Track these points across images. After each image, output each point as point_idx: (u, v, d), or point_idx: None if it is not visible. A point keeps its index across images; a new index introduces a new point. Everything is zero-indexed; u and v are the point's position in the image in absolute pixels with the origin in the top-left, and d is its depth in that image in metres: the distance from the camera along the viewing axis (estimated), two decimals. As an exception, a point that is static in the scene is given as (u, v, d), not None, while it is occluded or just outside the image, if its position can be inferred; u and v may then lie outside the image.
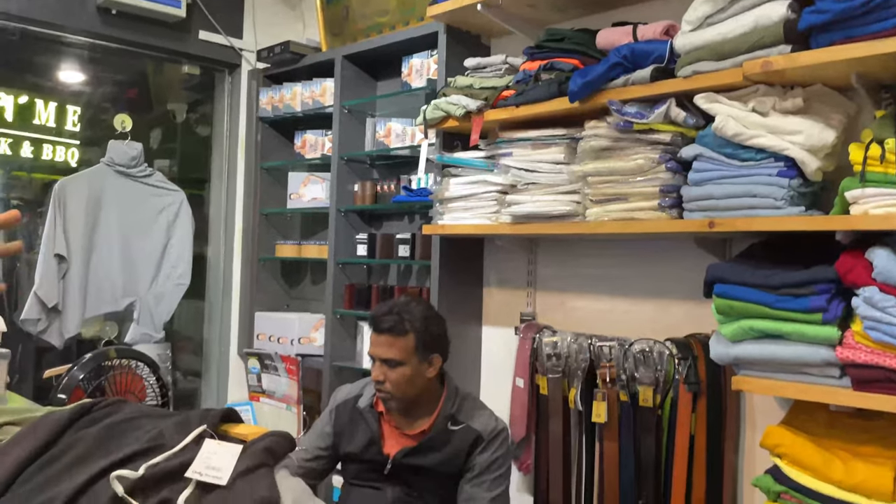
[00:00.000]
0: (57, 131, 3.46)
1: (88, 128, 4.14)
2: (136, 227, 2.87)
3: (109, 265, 2.80)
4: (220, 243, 3.24)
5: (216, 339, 3.24)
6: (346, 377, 2.62)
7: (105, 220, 2.81)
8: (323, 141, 2.91)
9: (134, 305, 2.86)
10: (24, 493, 0.93)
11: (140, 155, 2.91)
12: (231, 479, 0.97)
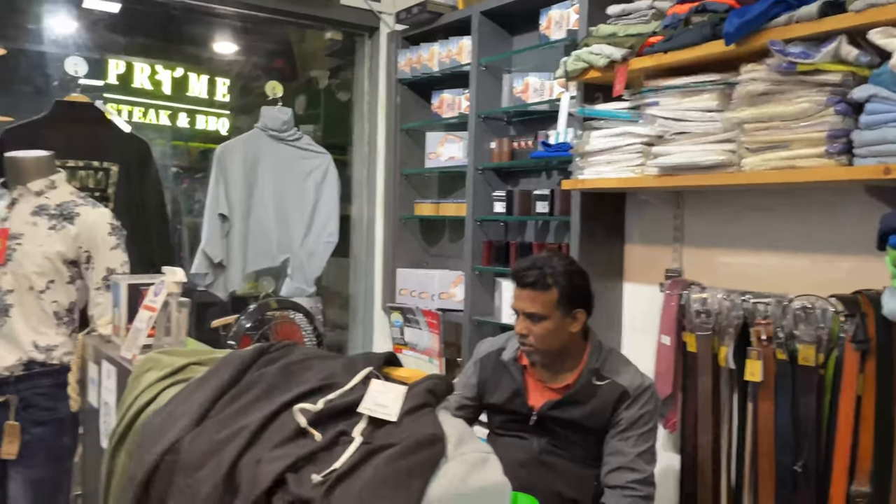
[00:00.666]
0: (209, 102, 3.72)
1: (240, 97, 4.41)
2: (288, 188, 3.05)
3: (266, 223, 3.01)
4: (362, 204, 3.38)
5: (361, 294, 3.40)
6: (485, 331, 2.68)
7: (261, 181, 3.01)
8: (460, 100, 2.93)
9: (288, 261, 3.06)
10: (219, 420, 1.03)
11: (290, 120, 3.07)
12: (399, 416, 1.03)
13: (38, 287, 2.07)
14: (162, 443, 1.01)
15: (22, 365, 2.05)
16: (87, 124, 2.53)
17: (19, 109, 5.22)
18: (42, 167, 2.17)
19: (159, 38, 3.93)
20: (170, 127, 3.60)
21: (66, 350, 2.13)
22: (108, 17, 3.42)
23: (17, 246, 2.06)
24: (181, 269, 1.80)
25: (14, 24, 3.68)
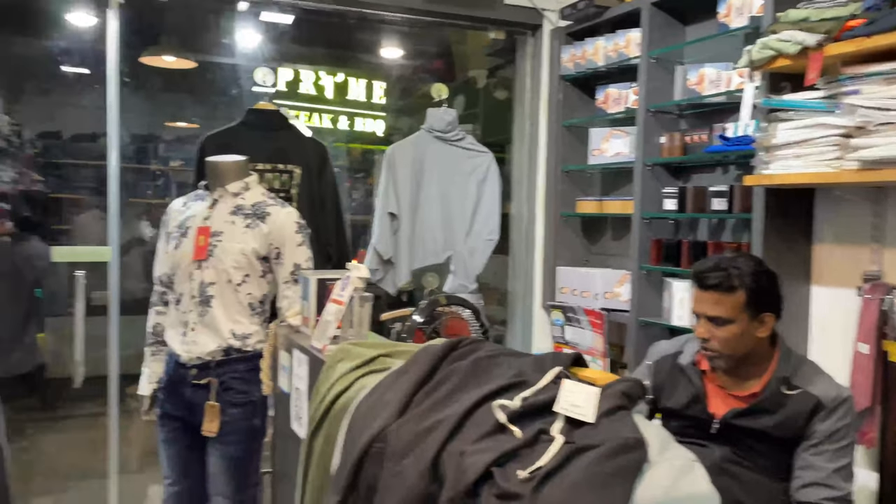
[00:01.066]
0: (367, 105, 3.89)
1: (398, 99, 4.58)
2: (452, 187, 3.13)
3: (432, 222, 3.11)
4: (522, 201, 3.39)
5: (520, 292, 3.42)
6: (653, 333, 2.59)
7: (427, 181, 3.11)
8: (627, 94, 2.86)
9: (451, 258, 3.14)
10: (420, 411, 1.08)
11: (454, 120, 3.15)
12: (596, 418, 1.02)
13: (235, 280, 2.26)
14: (369, 431, 1.07)
15: (221, 351, 2.25)
16: (274, 130, 2.73)
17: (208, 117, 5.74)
18: (238, 170, 2.37)
19: (323, 47, 4.17)
20: (331, 129, 3.80)
21: (259, 338, 2.31)
22: (278, 29, 3.68)
23: (218, 243, 2.26)
24: (365, 266, 1.90)
25: (203, 39, 4.05)
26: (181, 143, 6.01)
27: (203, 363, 2.24)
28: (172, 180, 5.75)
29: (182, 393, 2.26)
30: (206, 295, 2.24)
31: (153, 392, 2.40)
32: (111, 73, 2.75)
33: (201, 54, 4.31)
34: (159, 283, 2.43)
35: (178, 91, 5.39)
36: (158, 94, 5.11)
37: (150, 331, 2.44)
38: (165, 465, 2.35)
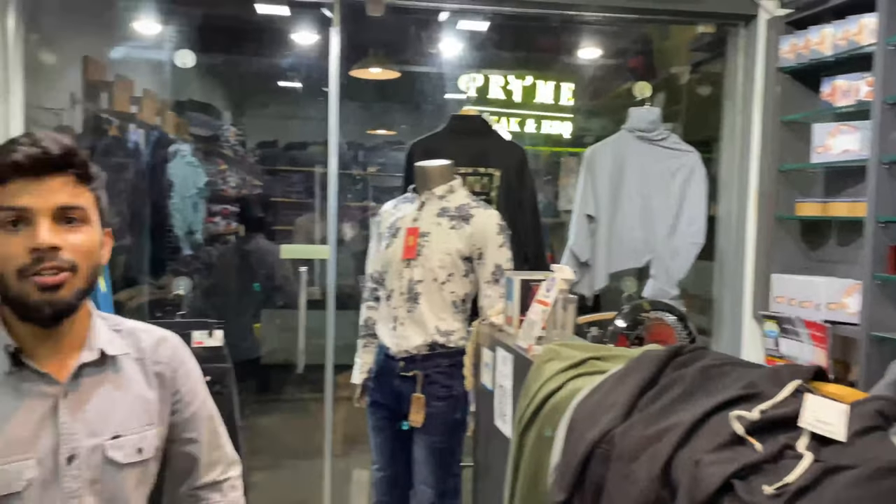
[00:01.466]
0: (554, 107, 3.86)
1: (591, 99, 4.50)
2: (653, 188, 3.02)
3: (631, 224, 3.02)
4: (731, 203, 3.18)
5: (727, 300, 3.21)
6: (889, 350, 2.32)
7: (627, 181, 3.04)
8: (858, 86, 2.58)
9: (651, 262, 3.03)
10: (646, 416, 1.05)
11: (658, 119, 3.04)
12: (848, 437, 0.94)
13: (440, 279, 2.36)
14: (593, 432, 1.06)
15: (427, 346, 2.35)
16: (476, 135, 2.81)
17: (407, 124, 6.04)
18: (444, 174, 2.47)
19: (513, 51, 4.21)
20: (518, 133, 3.83)
21: (462, 335, 2.39)
22: (473, 37, 3.78)
23: (426, 243, 2.38)
24: (569, 268, 1.89)
25: (406, 50, 4.27)
26: (380, 150, 6.39)
27: (410, 356, 2.36)
28: (370, 184, 6.13)
29: (390, 383, 2.39)
30: (414, 292, 2.36)
31: (364, 381, 2.57)
32: (332, 86, 2.98)
33: (404, 65, 4.55)
34: (371, 279, 2.60)
35: (380, 100, 5.74)
36: (362, 104, 5.47)
37: (362, 324, 2.61)
38: (374, 450, 2.51)
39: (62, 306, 1.04)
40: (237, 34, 4.28)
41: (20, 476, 1.03)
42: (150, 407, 1.18)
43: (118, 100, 3.98)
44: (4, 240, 1.01)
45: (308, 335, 3.27)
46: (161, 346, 1.22)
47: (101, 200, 1.11)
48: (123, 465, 1.12)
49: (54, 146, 1.02)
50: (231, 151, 5.61)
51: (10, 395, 1.05)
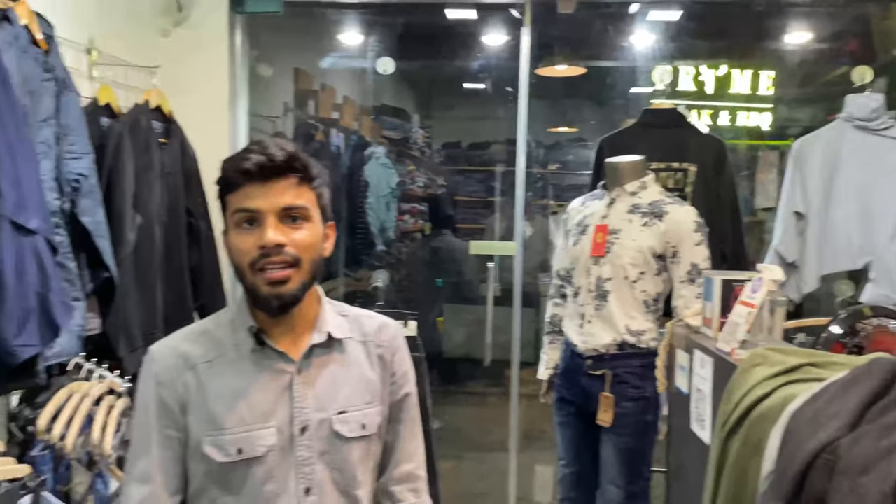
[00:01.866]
0: (752, 97, 3.58)
1: (799, 87, 4.14)
2: (874, 183, 2.72)
3: (846, 222, 2.75)
4: (970, 199, 2.79)
5: (964, 309, 2.82)
6: None
7: (842, 175, 2.77)
8: None
9: (870, 265, 2.74)
10: (878, 427, 0.96)
11: (881, 107, 2.74)
12: None
13: (631, 277, 2.31)
14: (815, 442, 0.99)
15: (616, 345, 2.31)
16: (670, 129, 2.71)
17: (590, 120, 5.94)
18: (635, 170, 2.41)
19: (707, 40, 3.98)
20: (711, 126, 3.62)
21: (653, 336, 2.32)
22: (664, 28, 3.63)
23: (616, 240, 2.34)
24: (779, 268, 1.77)
25: (592, 45, 4.21)
26: (561, 148, 6.35)
27: (598, 355, 2.33)
28: (549, 182, 6.11)
29: (577, 381, 2.38)
30: (602, 290, 2.33)
31: (550, 377, 2.58)
32: (522, 86, 3.03)
33: (590, 60, 4.49)
34: (557, 276, 2.61)
35: (564, 97, 5.70)
36: (544, 102, 5.47)
37: (548, 320, 2.63)
38: (560, 446, 2.51)
39: (288, 298, 1.14)
40: (429, 40, 4.46)
41: (262, 442, 1.15)
42: (372, 386, 1.25)
43: (323, 107, 4.33)
44: (240, 237, 1.13)
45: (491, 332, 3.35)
46: (383, 330, 1.30)
47: (323, 197, 1.19)
48: (349, 438, 1.20)
49: (279, 153, 1.12)
50: (418, 152, 5.87)
51: (254, 370, 1.18)
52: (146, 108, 2.32)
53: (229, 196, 1.14)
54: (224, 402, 1.15)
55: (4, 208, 1.36)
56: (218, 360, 1.18)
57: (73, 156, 1.84)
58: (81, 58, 2.28)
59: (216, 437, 1.14)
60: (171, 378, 1.17)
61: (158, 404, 1.16)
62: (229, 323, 1.22)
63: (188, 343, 1.20)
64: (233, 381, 1.17)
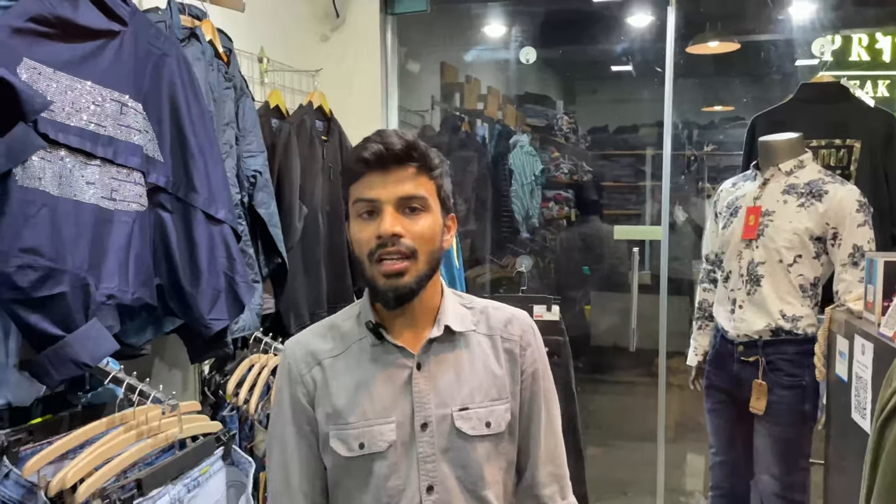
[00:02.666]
0: None
1: None
2: None
3: None
4: None
5: None
6: None
7: None
8: None
9: None
10: None
11: None
12: None
13: (786, 260, 2.22)
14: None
15: (770, 331, 2.24)
16: (831, 104, 2.55)
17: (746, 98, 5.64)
18: (791, 148, 2.31)
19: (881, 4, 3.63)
20: (888, 99, 3.31)
21: (810, 322, 2.22)
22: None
23: (769, 222, 2.25)
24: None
25: (747, 19, 3.99)
26: (716, 128, 6.05)
27: (750, 341, 2.27)
28: (705, 164, 5.84)
29: (729, 367, 2.33)
30: (755, 274, 2.26)
31: (699, 364, 2.54)
32: (668, 66, 2.97)
33: (745, 35, 4.26)
34: (707, 261, 2.55)
35: (717, 75, 5.44)
36: (697, 81, 5.25)
37: (697, 306, 2.58)
38: (712, 434, 2.47)
39: (404, 291, 1.10)
40: (571, 25, 4.45)
41: (383, 437, 1.13)
42: (499, 382, 1.19)
43: (468, 98, 4.46)
44: (360, 227, 1.10)
45: (637, 319, 3.31)
46: (511, 324, 1.23)
47: (443, 188, 1.15)
48: (472, 436, 1.15)
49: (397, 141, 1.09)
50: (563, 139, 5.85)
51: (375, 364, 1.16)
52: (310, 109, 2.54)
53: (351, 186, 1.13)
54: (346, 397, 1.15)
55: (198, 202, 1.58)
56: (343, 355, 1.18)
57: (250, 154, 2.07)
58: (254, 66, 2.53)
59: (340, 430, 1.14)
60: (300, 374, 1.17)
61: (292, 400, 1.18)
62: (356, 317, 1.20)
63: (317, 338, 1.20)
64: (355, 375, 1.16)
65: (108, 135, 1.40)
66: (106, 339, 1.36)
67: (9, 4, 1.28)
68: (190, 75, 1.62)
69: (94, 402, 1.49)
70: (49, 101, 1.27)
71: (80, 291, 1.31)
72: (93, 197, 1.37)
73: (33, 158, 1.25)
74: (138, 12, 1.52)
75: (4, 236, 1.21)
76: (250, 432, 1.86)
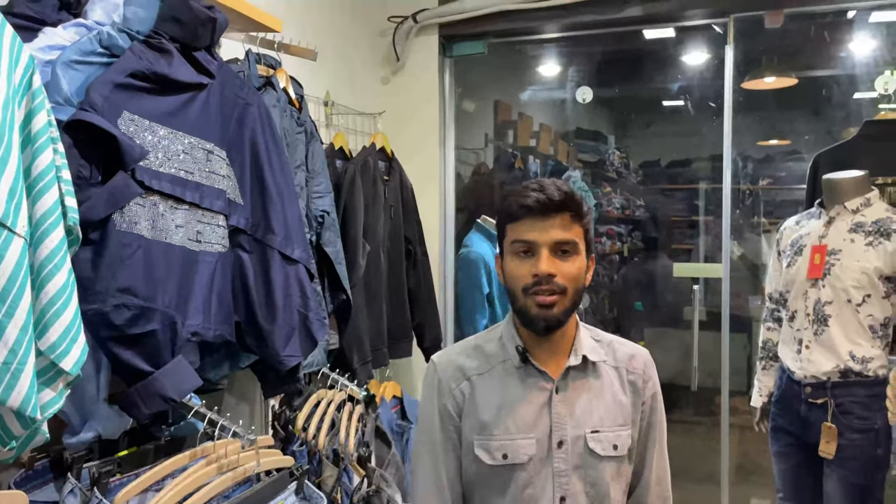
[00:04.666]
0: None
1: None
2: None
3: None
4: None
5: None
6: None
7: None
8: None
9: None
10: None
11: None
12: None
13: (854, 300, 2.17)
14: None
15: (838, 372, 2.19)
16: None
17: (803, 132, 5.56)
18: (858, 186, 2.28)
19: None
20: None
21: (881, 363, 2.17)
22: (889, 29, 3.32)
23: (836, 261, 2.22)
24: None
25: (804, 55, 3.97)
26: (771, 162, 5.96)
27: (818, 382, 2.22)
28: (761, 199, 5.75)
29: (796, 409, 2.28)
30: (822, 314, 2.22)
31: (763, 405, 2.49)
32: (727, 102, 2.97)
33: (802, 70, 4.24)
34: (770, 300, 2.52)
35: (773, 110, 5.39)
36: (752, 115, 5.21)
37: (761, 345, 2.54)
38: (778, 478, 2.41)
39: (553, 321, 1.26)
40: (625, 63, 4.48)
41: (524, 451, 1.28)
42: (625, 410, 1.33)
43: (521, 135, 4.51)
44: (516, 264, 1.27)
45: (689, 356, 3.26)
46: (635, 358, 1.38)
47: (589, 233, 1.31)
48: (602, 456, 1.29)
49: (556, 192, 1.25)
50: (615, 173, 5.85)
51: (519, 384, 1.31)
52: (373, 150, 2.62)
53: (509, 226, 1.28)
54: (492, 411, 1.29)
55: (275, 242, 1.65)
56: (488, 373, 1.33)
57: (318, 195, 2.15)
58: (320, 109, 2.64)
59: (484, 441, 1.29)
60: (450, 387, 1.33)
61: (441, 410, 1.33)
62: (498, 340, 1.35)
63: (464, 356, 1.36)
64: (500, 392, 1.30)
65: (196, 181, 1.49)
66: (191, 374, 1.42)
67: (109, 61, 1.39)
68: (270, 122, 1.71)
69: (176, 434, 1.55)
70: (146, 151, 1.36)
71: (168, 329, 1.38)
72: (181, 239, 1.45)
73: (130, 204, 1.33)
74: (224, 66, 1.62)
75: (103, 277, 1.29)
76: (318, 467, 1.90)
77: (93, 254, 1.29)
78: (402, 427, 2.49)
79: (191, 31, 1.47)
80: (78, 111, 1.28)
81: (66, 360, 1.12)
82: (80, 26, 1.43)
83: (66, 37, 1.40)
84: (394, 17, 3.17)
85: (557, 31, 3.25)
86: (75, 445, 1.37)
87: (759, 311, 2.58)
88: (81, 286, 1.22)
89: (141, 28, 1.43)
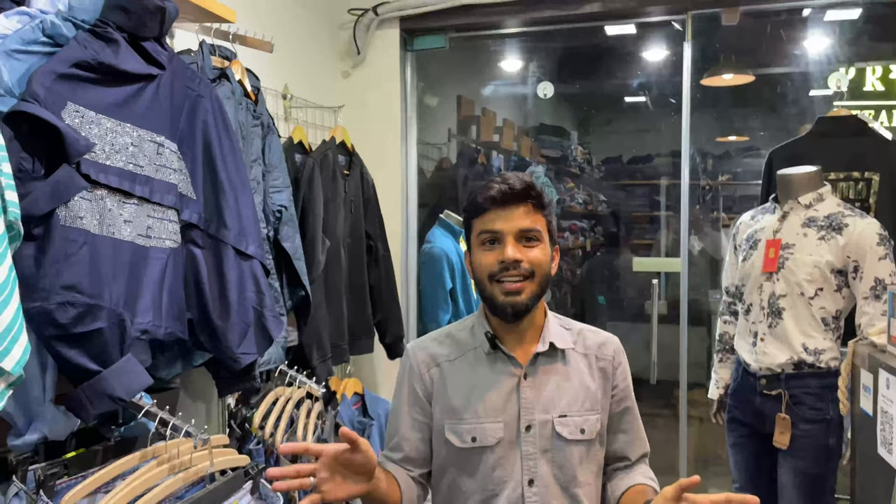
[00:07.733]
0: None
1: None
2: None
3: None
4: None
5: None
6: None
7: None
8: None
9: None
10: None
11: None
12: None
13: (807, 293, 2.22)
14: None
15: (792, 364, 2.23)
16: (849, 137, 2.57)
17: (760, 129, 5.67)
18: (811, 182, 2.32)
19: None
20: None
21: (833, 355, 2.21)
22: (841, 29, 3.40)
23: (790, 255, 2.26)
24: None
25: (761, 53, 4.04)
26: (730, 158, 6.07)
27: (773, 374, 2.26)
28: (720, 194, 5.85)
29: (751, 401, 2.32)
30: (776, 307, 2.26)
31: (720, 397, 2.53)
32: (685, 98, 3.01)
33: (759, 68, 4.31)
34: (727, 293, 2.56)
35: (731, 107, 5.48)
36: (711, 112, 5.28)
37: (718, 338, 2.58)
38: (734, 469, 2.45)
39: (521, 307, 1.31)
40: (587, 59, 4.51)
41: (493, 434, 1.33)
42: (592, 395, 1.38)
43: (484, 130, 4.51)
44: (482, 254, 1.33)
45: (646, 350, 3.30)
46: (605, 345, 1.44)
47: (552, 224, 1.37)
48: (569, 440, 1.34)
49: (518, 182, 1.31)
50: (577, 169, 5.89)
51: (489, 370, 1.37)
52: (332, 144, 2.59)
53: (475, 220, 1.34)
54: (462, 396, 1.35)
55: (229, 238, 1.61)
56: (458, 360, 1.39)
57: (276, 189, 2.11)
58: (278, 102, 2.59)
59: (454, 424, 1.35)
60: (420, 372, 1.40)
61: (410, 392, 1.40)
62: (470, 328, 1.42)
63: (436, 344, 1.43)
64: (470, 377, 1.37)
65: (146, 174, 1.45)
66: (140, 373, 1.38)
67: (53, 50, 1.34)
68: (223, 115, 1.67)
69: (126, 435, 1.51)
70: (92, 144, 1.31)
71: (116, 327, 1.34)
72: (130, 234, 1.40)
73: (75, 198, 1.29)
74: (175, 56, 1.57)
75: (46, 274, 1.25)
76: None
77: (36, 250, 1.24)
78: (364, 423, 2.47)
79: (139, 21, 1.43)
80: (19, 102, 1.23)
81: (6, 359, 1.08)
82: (22, 14, 1.38)
83: (7, 25, 1.35)
84: (354, 10, 3.14)
85: (518, 26, 3.25)
86: (20, 447, 1.32)
87: (718, 304, 2.61)
88: (24, 283, 1.18)
89: (86, 17, 1.38)
